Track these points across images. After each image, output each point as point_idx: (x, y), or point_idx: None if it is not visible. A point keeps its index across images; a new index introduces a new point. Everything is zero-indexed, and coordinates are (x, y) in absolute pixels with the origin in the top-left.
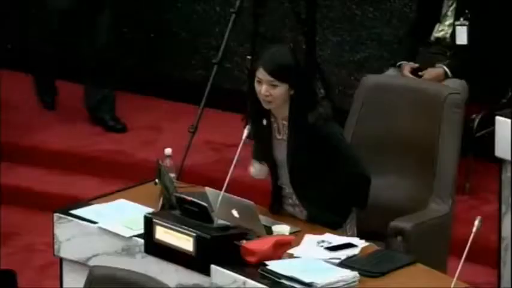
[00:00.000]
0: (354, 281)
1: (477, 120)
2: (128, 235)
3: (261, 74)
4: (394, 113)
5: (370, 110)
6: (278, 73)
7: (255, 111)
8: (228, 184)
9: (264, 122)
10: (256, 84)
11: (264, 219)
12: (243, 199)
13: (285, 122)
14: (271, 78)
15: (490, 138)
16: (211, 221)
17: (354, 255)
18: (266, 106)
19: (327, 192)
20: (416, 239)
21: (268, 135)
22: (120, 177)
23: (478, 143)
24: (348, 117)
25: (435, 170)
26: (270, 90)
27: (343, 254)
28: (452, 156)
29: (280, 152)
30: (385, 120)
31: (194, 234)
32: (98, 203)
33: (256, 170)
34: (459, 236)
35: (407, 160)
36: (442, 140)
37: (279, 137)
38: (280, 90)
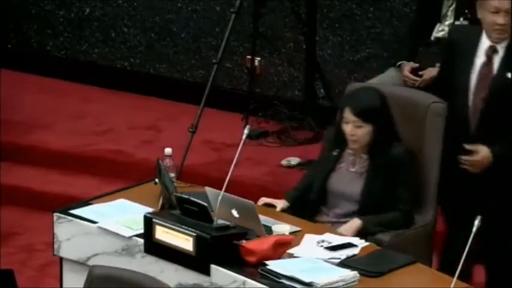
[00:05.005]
0: (353, 281)
1: None
2: (127, 235)
3: (347, 114)
4: None
5: None
6: (363, 114)
7: (337, 142)
8: (228, 184)
9: (335, 152)
10: (343, 124)
11: (264, 219)
12: (243, 199)
13: (364, 156)
14: (356, 119)
15: None
16: (211, 221)
17: (354, 255)
18: (352, 145)
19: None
20: (396, 251)
21: (332, 165)
22: (120, 177)
23: None
24: (332, 123)
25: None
26: (354, 130)
27: (343, 254)
28: (433, 164)
29: (349, 185)
30: None
31: (194, 234)
32: (98, 203)
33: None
34: None
35: None
36: (425, 148)
37: (352, 169)
38: (364, 130)
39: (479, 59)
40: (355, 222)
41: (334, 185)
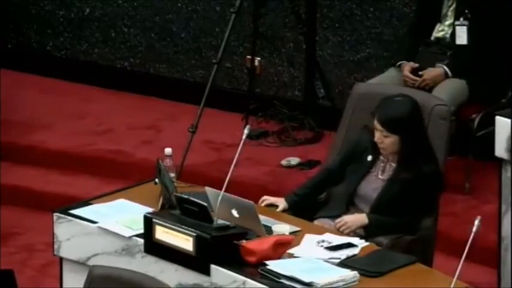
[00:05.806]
0: (353, 281)
1: (477, 120)
2: (127, 235)
3: (375, 122)
4: None
5: (360, 118)
6: (389, 125)
7: (373, 147)
8: (228, 184)
9: (369, 158)
10: (374, 130)
11: (264, 219)
12: (243, 199)
13: (393, 164)
14: (382, 129)
15: (490, 138)
16: (211, 221)
17: (354, 255)
18: (381, 151)
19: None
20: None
21: (366, 170)
22: (120, 177)
23: (478, 143)
24: (339, 124)
25: None
26: (382, 139)
27: (343, 254)
28: None
29: (373, 191)
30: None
31: (194, 234)
32: (98, 203)
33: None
34: (459, 236)
35: None
36: None
37: (380, 176)
38: (390, 140)
39: None
40: (362, 221)
41: (362, 189)
